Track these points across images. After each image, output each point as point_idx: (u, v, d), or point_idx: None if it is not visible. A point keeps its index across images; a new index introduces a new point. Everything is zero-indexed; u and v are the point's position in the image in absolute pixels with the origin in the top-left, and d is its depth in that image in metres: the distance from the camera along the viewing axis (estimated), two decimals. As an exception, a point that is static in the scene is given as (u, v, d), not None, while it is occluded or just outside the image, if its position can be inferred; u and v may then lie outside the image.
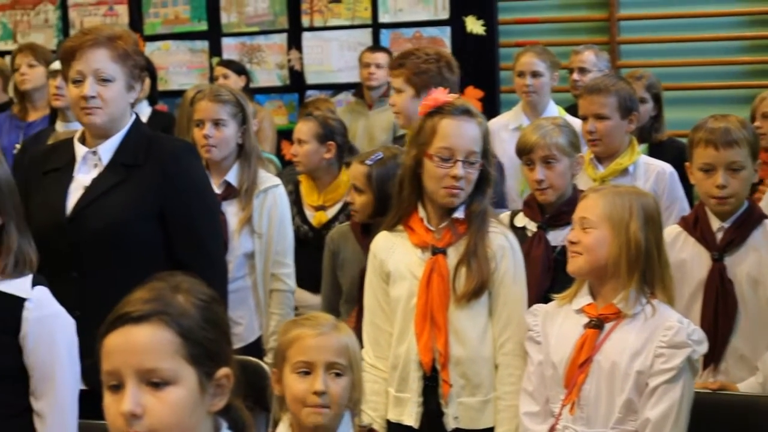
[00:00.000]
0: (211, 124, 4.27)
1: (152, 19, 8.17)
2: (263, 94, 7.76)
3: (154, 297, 1.86)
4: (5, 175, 2.86)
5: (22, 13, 8.54)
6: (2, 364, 2.80)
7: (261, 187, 4.32)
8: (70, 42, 3.45)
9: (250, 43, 8.03)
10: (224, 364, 1.87)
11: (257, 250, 4.31)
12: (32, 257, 2.86)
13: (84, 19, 8.33)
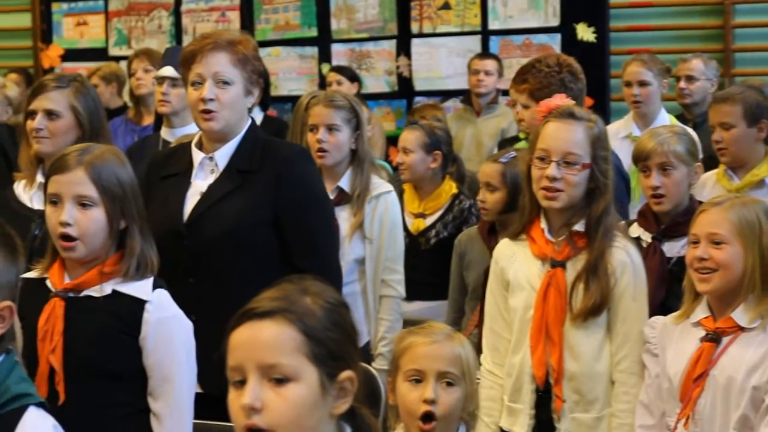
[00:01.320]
0: (324, 129, 4.29)
1: (263, 25, 8.26)
2: (371, 100, 7.77)
3: (282, 296, 1.87)
4: (130, 179, 2.89)
5: (136, 19, 8.70)
6: (122, 364, 2.83)
7: (373, 192, 4.32)
8: (190, 46, 3.49)
9: (359, 49, 8.06)
10: (348, 368, 1.86)
11: (368, 256, 4.31)
12: (153, 260, 2.89)
13: (197, 25, 8.46)
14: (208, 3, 8.44)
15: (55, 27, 8.98)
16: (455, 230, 4.75)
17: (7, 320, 2.14)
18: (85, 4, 8.83)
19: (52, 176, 2.87)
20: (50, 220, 2.85)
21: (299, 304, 1.86)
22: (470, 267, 4.28)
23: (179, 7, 8.53)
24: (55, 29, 8.97)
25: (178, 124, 5.06)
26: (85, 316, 2.82)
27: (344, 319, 1.90)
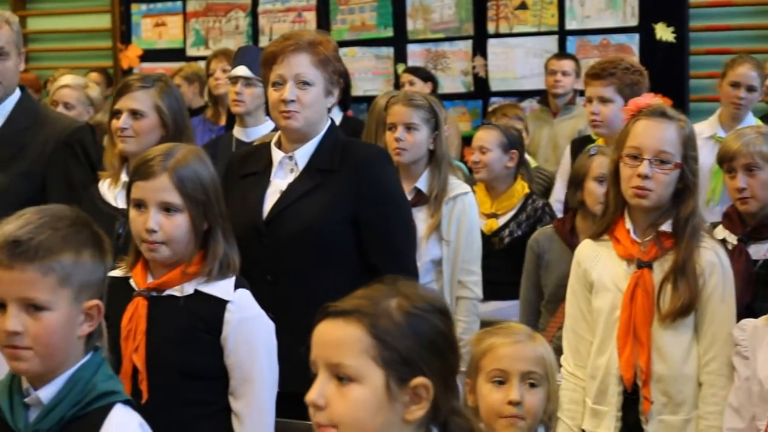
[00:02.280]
0: (403, 128, 4.30)
1: (339, 25, 8.28)
2: (447, 100, 7.76)
3: (366, 296, 1.88)
4: (212, 181, 2.91)
5: (214, 20, 8.77)
6: (204, 363, 2.85)
7: (451, 193, 4.31)
8: (272, 46, 3.50)
9: (435, 49, 8.05)
10: (422, 374, 1.84)
11: (445, 257, 4.30)
12: (236, 261, 2.90)
13: (273, 25, 8.51)
14: (285, 4, 8.48)
15: (134, 28, 9.08)
16: (529, 230, 4.73)
17: (95, 318, 2.16)
18: (163, 5, 8.93)
19: (137, 182, 2.89)
20: (135, 223, 2.88)
21: (379, 307, 1.85)
22: (549, 267, 4.24)
23: (256, 8, 8.59)
24: (134, 30, 9.08)
25: (252, 123, 5.09)
26: (168, 316, 2.84)
27: (432, 325, 1.88)
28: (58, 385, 2.13)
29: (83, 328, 2.15)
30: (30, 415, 2.13)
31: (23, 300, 2.08)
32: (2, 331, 2.08)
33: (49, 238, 2.09)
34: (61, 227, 2.12)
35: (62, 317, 2.10)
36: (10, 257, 2.07)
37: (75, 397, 2.12)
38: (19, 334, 2.07)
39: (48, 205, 2.24)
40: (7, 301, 2.08)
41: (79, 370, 2.15)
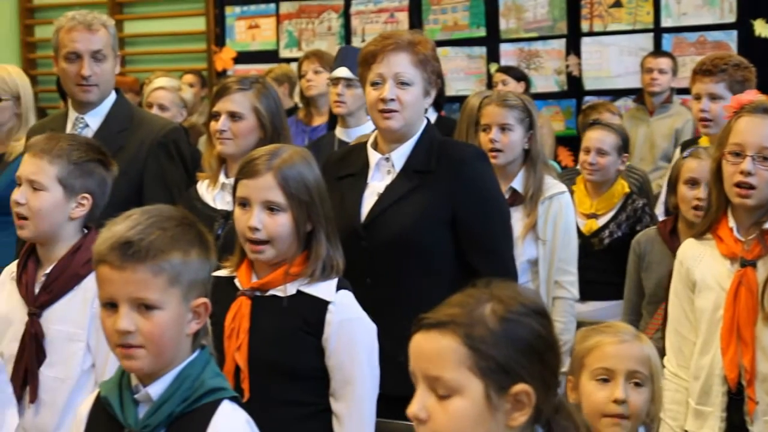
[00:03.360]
0: (497, 129, 4.28)
1: (431, 25, 8.28)
2: (540, 99, 7.71)
3: (459, 303, 1.86)
4: (317, 182, 2.92)
5: (307, 22, 8.83)
6: (305, 364, 2.86)
7: (546, 193, 4.29)
8: (371, 46, 3.51)
9: (527, 48, 8.01)
10: (523, 381, 1.82)
11: (541, 257, 4.27)
12: (339, 262, 2.91)
13: (365, 26, 8.54)
14: (377, 4, 8.51)
15: (228, 30, 9.18)
16: (629, 230, 4.70)
17: (202, 316, 2.19)
18: (257, 7, 9.01)
19: (242, 180, 2.92)
20: (239, 222, 2.90)
21: (473, 315, 1.83)
22: (650, 269, 4.20)
23: (348, 9, 8.63)
24: (228, 32, 9.18)
25: (353, 123, 5.12)
26: (270, 316, 2.86)
27: (529, 329, 1.85)
28: (167, 381, 2.16)
29: (191, 326, 2.18)
30: (139, 412, 2.16)
31: (135, 300, 2.11)
32: (115, 330, 2.12)
33: (159, 239, 2.12)
34: (169, 227, 2.15)
35: (172, 316, 2.13)
36: (122, 258, 2.11)
37: (184, 394, 2.15)
38: (131, 333, 2.11)
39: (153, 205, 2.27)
40: (119, 301, 2.12)
41: (187, 367, 2.18)
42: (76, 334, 3.01)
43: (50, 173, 3.01)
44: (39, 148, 3.03)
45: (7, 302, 3.11)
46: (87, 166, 3.06)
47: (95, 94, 4.15)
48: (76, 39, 4.10)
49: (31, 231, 3.04)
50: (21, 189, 3.03)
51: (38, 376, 3.01)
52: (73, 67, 4.11)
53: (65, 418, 2.98)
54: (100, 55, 4.11)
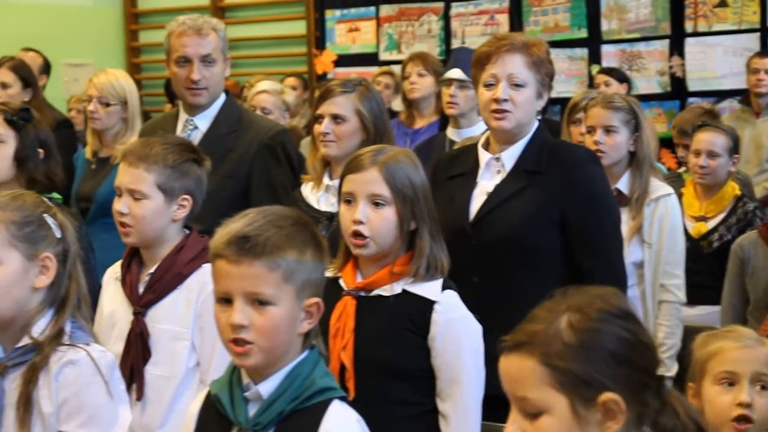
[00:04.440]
0: (602, 131, 4.25)
1: (532, 27, 8.23)
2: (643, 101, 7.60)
3: (536, 320, 1.83)
4: (422, 182, 2.93)
5: (407, 24, 8.84)
6: (411, 363, 2.86)
7: (652, 195, 4.25)
8: (485, 47, 3.51)
9: (630, 49, 7.92)
10: (608, 389, 1.77)
11: (646, 260, 4.23)
12: (444, 262, 2.91)
13: (465, 28, 8.52)
14: (477, 6, 8.48)
15: (328, 33, 9.24)
16: (739, 233, 4.62)
17: (314, 316, 2.20)
18: (357, 10, 9.05)
19: (347, 175, 2.94)
20: (344, 218, 2.92)
21: (549, 331, 1.80)
22: (755, 274, 4.13)
23: (448, 11, 8.62)
24: (329, 35, 9.24)
25: (465, 124, 5.14)
26: (375, 315, 2.87)
27: (609, 336, 1.80)
28: (278, 380, 2.17)
29: (303, 326, 2.19)
30: (249, 410, 2.18)
31: (250, 294, 2.13)
32: (228, 324, 2.13)
33: (275, 236, 2.14)
34: (285, 226, 2.17)
35: (285, 313, 2.14)
36: (239, 253, 2.12)
37: (294, 392, 2.16)
38: (245, 327, 2.12)
39: (268, 206, 2.28)
40: (234, 295, 2.13)
41: (297, 366, 2.19)
42: (181, 333, 3.04)
43: (149, 181, 3.04)
44: (134, 157, 3.05)
45: (111, 302, 3.16)
46: (183, 168, 3.08)
47: (205, 97, 4.20)
48: (186, 43, 4.16)
49: (135, 238, 3.09)
50: (122, 199, 3.07)
51: (144, 374, 3.05)
52: (183, 71, 4.17)
53: (170, 416, 3.02)
54: (210, 59, 4.17)
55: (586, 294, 1.86)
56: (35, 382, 2.40)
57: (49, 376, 2.40)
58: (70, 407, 2.40)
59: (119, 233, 3.12)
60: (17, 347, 2.45)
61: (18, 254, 2.43)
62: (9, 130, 3.69)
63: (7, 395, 2.43)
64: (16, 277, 2.43)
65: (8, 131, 3.69)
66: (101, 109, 5.15)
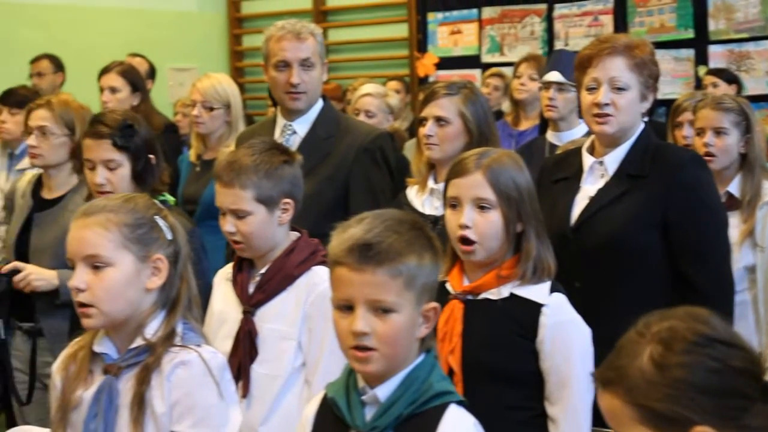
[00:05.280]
0: (712, 133, 4.19)
1: (637, 28, 8.11)
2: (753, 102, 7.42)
3: (621, 353, 1.75)
4: (527, 183, 2.91)
5: (509, 26, 8.79)
6: (519, 367, 2.84)
7: (765, 198, 4.18)
8: (587, 49, 3.49)
9: (738, 50, 7.76)
10: (696, 423, 1.68)
11: (759, 265, 4.17)
12: (551, 264, 2.89)
13: (569, 30, 8.44)
14: (581, 8, 8.40)
15: (430, 36, 9.23)
16: None
17: (431, 321, 2.20)
18: (459, 12, 9.03)
19: (452, 180, 2.93)
20: (450, 222, 2.91)
21: (631, 368, 1.72)
22: None
23: (552, 13, 8.55)
24: (430, 38, 9.23)
25: (565, 128, 5.09)
26: (483, 319, 2.85)
27: (695, 368, 1.70)
28: (395, 383, 2.17)
29: (421, 330, 2.18)
30: (366, 413, 2.18)
31: (372, 302, 2.12)
32: (350, 332, 2.13)
33: (396, 242, 2.13)
34: (404, 231, 2.16)
35: (406, 319, 2.14)
36: (361, 260, 2.12)
37: (411, 396, 2.15)
38: (367, 335, 2.12)
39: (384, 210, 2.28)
40: (356, 302, 2.13)
41: (414, 370, 2.18)
42: (288, 333, 3.07)
43: (247, 197, 3.06)
44: (227, 177, 3.07)
45: (222, 301, 3.20)
46: (276, 173, 3.09)
47: (303, 101, 4.22)
48: (285, 48, 4.18)
49: (250, 252, 3.13)
50: (227, 219, 3.09)
51: (250, 372, 3.08)
52: (282, 75, 4.19)
53: (273, 414, 3.06)
54: (308, 63, 4.19)
55: (672, 319, 1.77)
56: (148, 382, 2.43)
57: (161, 376, 2.43)
58: (182, 407, 2.42)
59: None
60: (131, 348, 2.48)
61: (131, 256, 2.46)
62: (121, 154, 3.73)
63: (121, 395, 2.46)
64: (129, 279, 2.46)
65: (120, 155, 3.73)
66: (205, 113, 5.22)
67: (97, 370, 2.51)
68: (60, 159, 4.16)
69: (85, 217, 2.48)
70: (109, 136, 3.72)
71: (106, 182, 3.71)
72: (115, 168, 3.72)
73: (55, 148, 4.18)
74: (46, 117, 4.21)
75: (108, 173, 3.71)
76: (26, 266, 4.01)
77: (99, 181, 3.70)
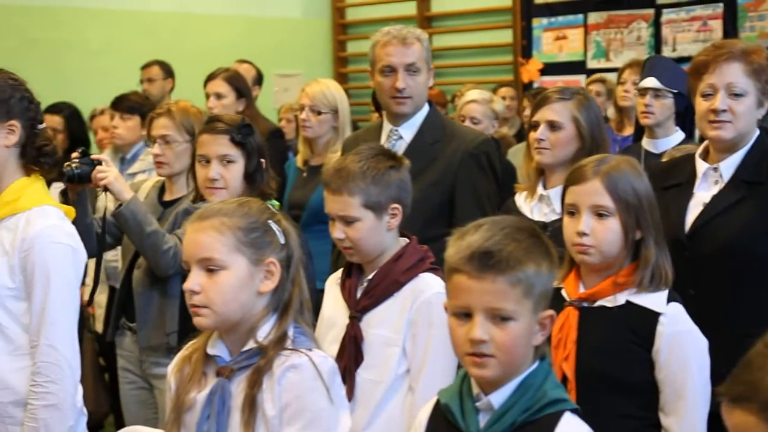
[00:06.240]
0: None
1: (747, 32, 7.97)
2: None
3: (750, 366, 1.68)
4: (646, 190, 2.87)
5: (615, 32, 8.70)
6: (634, 376, 2.80)
7: None
8: (702, 56, 3.46)
9: None
10: None
11: None
12: (669, 273, 2.85)
13: (677, 35, 8.33)
14: (690, 12, 8.27)
15: (534, 42, 9.19)
16: None
17: (547, 328, 2.18)
18: (564, 18, 8.97)
19: (570, 186, 2.91)
20: (567, 229, 2.90)
21: (764, 383, 1.66)
22: None
23: (659, 18, 8.44)
24: (535, 44, 9.18)
25: (661, 134, 5.02)
26: (599, 326, 2.83)
27: None
28: (510, 390, 2.15)
29: (537, 338, 2.17)
30: (480, 420, 2.17)
31: (491, 310, 2.11)
32: (468, 339, 2.12)
33: (516, 250, 2.12)
34: (522, 238, 2.15)
35: (524, 327, 2.13)
36: (481, 269, 2.11)
37: (526, 403, 2.14)
38: (485, 342, 2.11)
39: (500, 216, 2.28)
40: (475, 310, 2.12)
41: (529, 377, 2.17)
42: (393, 339, 3.06)
43: (355, 204, 3.05)
44: (335, 184, 3.07)
45: (331, 305, 3.21)
46: (383, 179, 3.08)
47: (409, 106, 4.21)
48: (391, 53, 4.18)
49: (359, 257, 3.13)
50: (336, 226, 3.09)
51: (355, 377, 3.08)
52: (388, 80, 4.19)
53: (375, 419, 3.05)
54: (414, 68, 4.18)
55: None
56: (260, 385, 2.44)
57: (272, 379, 2.44)
58: (292, 410, 2.43)
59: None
60: (243, 351, 2.50)
61: (244, 259, 2.48)
62: (237, 150, 3.77)
63: (233, 397, 2.47)
64: (243, 282, 2.48)
65: (236, 151, 3.77)
66: (313, 117, 5.25)
67: (211, 372, 2.53)
68: (184, 165, 4.21)
69: (200, 220, 2.51)
70: (227, 132, 3.76)
71: (220, 177, 3.74)
72: (230, 163, 3.76)
73: (178, 156, 4.24)
74: (168, 125, 4.27)
75: (222, 169, 3.75)
76: (112, 167, 4.06)
77: (212, 175, 3.74)
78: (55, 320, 2.96)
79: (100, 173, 3.95)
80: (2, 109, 3.01)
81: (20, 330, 3.00)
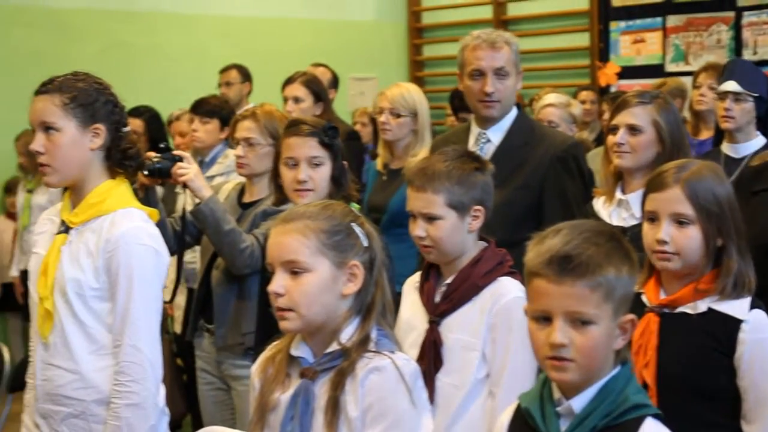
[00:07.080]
0: None
1: (830, 35, 7.85)
2: None
3: None
4: (728, 196, 2.85)
5: (695, 35, 8.60)
6: (715, 383, 2.79)
7: None
8: None
9: None
10: None
11: None
12: (751, 279, 2.83)
13: (758, 38, 8.21)
14: (772, 15, 8.17)
15: (612, 45, 9.11)
16: None
17: (628, 332, 2.18)
18: (643, 21, 8.88)
19: (650, 194, 2.90)
20: (647, 236, 2.89)
21: None
22: None
23: (740, 21, 8.32)
24: (612, 47, 9.10)
25: (742, 139, 4.96)
26: (680, 333, 2.81)
27: None
28: (591, 395, 2.16)
29: (618, 342, 2.17)
30: (561, 424, 2.17)
31: (571, 314, 2.12)
32: (548, 343, 2.13)
33: (596, 254, 2.12)
34: (602, 242, 2.15)
35: (604, 331, 2.13)
36: (560, 273, 2.12)
37: (607, 408, 2.14)
38: (565, 346, 2.12)
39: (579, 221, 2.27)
40: (554, 314, 2.13)
41: (610, 381, 2.16)
42: (472, 344, 3.06)
43: (439, 202, 3.06)
44: (420, 181, 3.08)
45: (410, 309, 3.22)
46: (468, 180, 3.08)
47: (497, 109, 4.22)
48: (480, 57, 4.19)
49: (437, 256, 3.13)
50: (418, 223, 3.10)
51: (435, 381, 3.08)
52: (476, 83, 4.20)
53: (455, 425, 3.05)
54: (503, 72, 4.19)
55: None
56: (342, 387, 2.46)
57: (355, 381, 2.46)
58: (374, 412, 2.45)
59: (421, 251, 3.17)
60: (326, 353, 2.52)
61: (327, 262, 2.50)
62: (324, 152, 3.81)
63: (317, 399, 2.50)
64: (326, 284, 2.50)
65: (324, 153, 3.81)
66: (392, 120, 5.27)
67: (294, 373, 2.56)
68: (265, 168, 4.24)
69: (284, 223, 2.53)
70: (315, 134, 3.80)
71: (309, 179, 3.78)
72: (318, 165, 3.80)
73: (260, 158, 4.27)
74: (252, 128, 4.31)
75: (311, 171, 3.79)
76: (193, 163, 4.11)
77: (302, 177, 3.78)
78: (137, 320, 3.02)
79: (181, 169, 4.01)
80: (87, 112, 3.06)
81: (104, 330, 3.05)
